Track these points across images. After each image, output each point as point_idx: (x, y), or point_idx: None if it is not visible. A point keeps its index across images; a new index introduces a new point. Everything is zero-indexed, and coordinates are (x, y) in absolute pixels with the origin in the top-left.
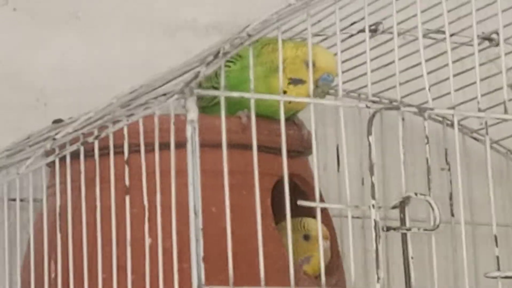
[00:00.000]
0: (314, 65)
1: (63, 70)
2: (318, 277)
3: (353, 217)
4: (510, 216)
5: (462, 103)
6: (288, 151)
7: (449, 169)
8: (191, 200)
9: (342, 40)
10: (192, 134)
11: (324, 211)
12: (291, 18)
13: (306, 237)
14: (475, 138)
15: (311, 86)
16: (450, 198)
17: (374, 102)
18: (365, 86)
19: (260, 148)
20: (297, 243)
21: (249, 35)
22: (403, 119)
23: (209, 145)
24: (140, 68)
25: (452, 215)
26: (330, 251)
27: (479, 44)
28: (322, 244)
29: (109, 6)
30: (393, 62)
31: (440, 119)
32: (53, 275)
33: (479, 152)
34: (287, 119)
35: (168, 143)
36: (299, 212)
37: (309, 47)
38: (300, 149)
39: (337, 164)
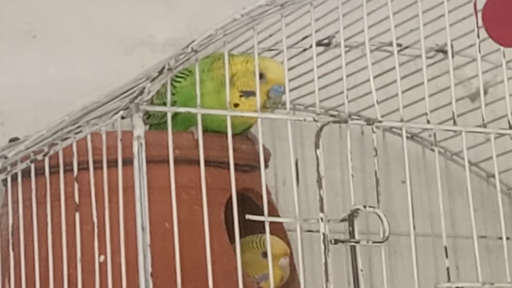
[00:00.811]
0: (264, 77)
1: (20, 88)
2: None
3: (312, 231)
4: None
5: (417, 116)
6: (241, 166)
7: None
8: (139, 216)
9: (295, 55)
10: (138, 150)
11: (280, 226)
12: (237, 33)
13: (265, 255)
14: (433, 150)
15: (258, 100)
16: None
17: (330, 115)
18: (324, 99)
19: (212, 163)
20: (256, 260)
21: (195, 51)
22: (362, 133)
23: (160, 160)
24: (98, 86)
25: (414, 228)
26: (289, 267)
27: (432, 56)
28: (270, 260)
29: (65, 25)
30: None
31: (399, 131)
32: None
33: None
34: (240, 134)
35: (116, 160)
36: (258, 229)
37: (256, 61)
38: (254, 163)
39: (296, 179)
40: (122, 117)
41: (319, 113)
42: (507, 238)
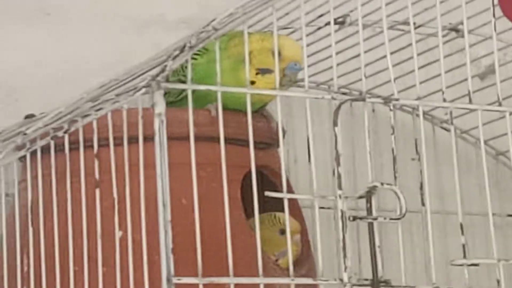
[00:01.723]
0: (280, 54)
1: (34, 66)
2: None
3: (324, 208)
4: (480, 205)
5: (429, 94)
6: (257, 143)
7: (419, 159)
8: (160, 192)
9: (310, 33)
10: (159, 127)
11: (294, 203)
12: (256, 11)
13: (282, 232)
14: (444, 128)
15: (277, 78)
16: (421, 188)
17: (342, 93)
18: (328, 80)
19: (229, 140)
20: (273, 238)
21: (215, 29)
22: (373, 110)
23: (178, 138)
24: (110, 64)
25: (423, 204)
26: (301, 244)
27: (446, 35)
28: (289, 237)
29: (79, 3)
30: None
31: (410, 110)
32: (25, 269)
33: (448, 142)
34: (255, 112)
35: (136, 137)
36: (273, 207)
37: (275, 39)
38: (269, 141)
39: (308, 156)
40: (144, 94)
41: (336, 91)
42: None
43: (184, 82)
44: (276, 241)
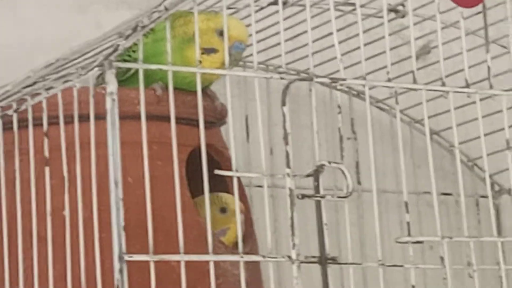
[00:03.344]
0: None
1: None
2: (232, 246)
3: (261, 186)
4: (414, 183)
5: (370, 72)
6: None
7: (355, 138)
8: (111, 171)
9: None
10: (111, 106)
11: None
12: None
13: (223, 210)
14: (380, 108)
15: (227, 57)
16: (357, 167)
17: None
18: (275, 57)
19: (175, 119)
20: (214, 216)
21: (166, 9)
22: (310, 90)
23: (125, 117)
24: (54, 43)
25: (359, 183)
26: (245, 223)
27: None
28: (238, 213)
29: None
30: (303, 33)
31: (346, 89)
32: None
33: (383, 121)
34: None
35: (85, 115)
36: (215, 187)
37: (224, 19)
38: (213, 120)
39: (246, 135)
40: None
41: (285, 71)
42: (449, 194)
43: (128, 61)
44: (216, 220)
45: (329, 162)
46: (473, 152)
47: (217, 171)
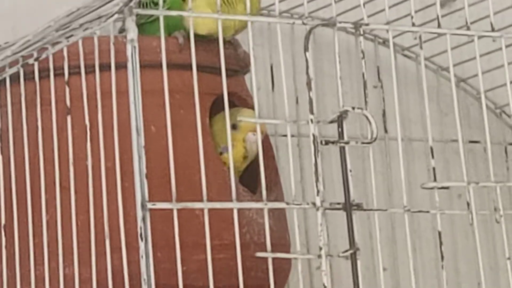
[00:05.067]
0: None
1: None
2: (255, 192)
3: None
4: (441, 131)
5: (394, 20)
6: (226, 70)
7: (381, 87)
8: (133, 119)
9: None
10: (132, 53)
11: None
12: None
13: (233, 126)
14: (406, 56)
15: (248, 4)
16: (383, 115)
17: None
18: (298, 5)
19: (197, 67)
20: (224, 131)
21: None
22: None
23: (146, 65)
24: None
25: (386, 131)
26: (269, 170)
27: None
28: (260, 138)
29: None
30: None
31: (372, 37)
32: None
33: (410, 69)
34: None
35: (107, 64)
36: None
37: None
38: (237, 68)
39: (272, 84)
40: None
41: (307, 17)
42: (477, 142)
43: (149, 4)
44: (225, 135)
45: (353, 108)
46: (501, 100)
47: (239, 117)
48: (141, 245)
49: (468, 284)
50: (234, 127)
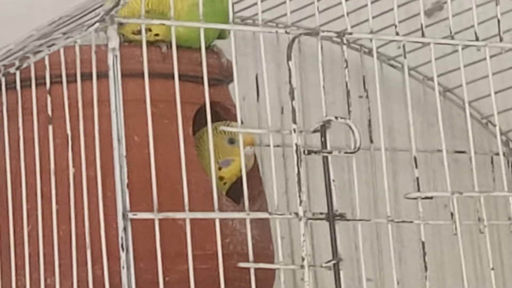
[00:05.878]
0: None
1: None
2: (239, 202)
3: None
4: (427, 141)
5: (379, 30)
6: (209, 80)
7: (367, 96)
8: (114, 128)
9: None
10: (113, 62)
11: None
12: None
13: (231, 141)
14: (392, 65)
15: (231, 14)
16: (369, 125)
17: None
18: (283, 15)
19: (180, 77)
20: (221, 145)
21: None
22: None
23: (128, 74)
24: (59, 1)
25: (371, 141)
26: (254, 181)
27: None
28: (242, 150)
29: None
30: None
31: (358, 47)
32: None
33: (395, 79)
34: (207, 48)
35: (89, 73)
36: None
37: None
38: (220, 77)
39: (257, 94)
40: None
41: (290, 26)
42: (463, 152)
43: None
44: (223, 149)
45: (336, 118)
46: (486, 109)
47: (222, 127)
48: (122, 255)
49: None
50: (231, 141)
